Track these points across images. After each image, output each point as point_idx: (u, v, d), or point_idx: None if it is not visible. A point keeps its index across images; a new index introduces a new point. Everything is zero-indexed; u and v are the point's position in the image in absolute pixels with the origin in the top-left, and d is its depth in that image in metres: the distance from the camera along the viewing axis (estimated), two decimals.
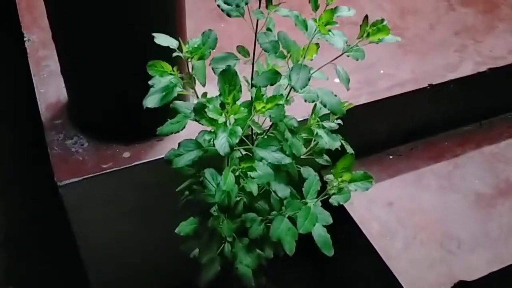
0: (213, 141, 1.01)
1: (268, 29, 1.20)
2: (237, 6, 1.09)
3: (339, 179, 1.11)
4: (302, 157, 1.29)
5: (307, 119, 1.30)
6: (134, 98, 1.12)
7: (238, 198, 1.25)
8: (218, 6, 1.14)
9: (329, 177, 1.13)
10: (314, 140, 1.32)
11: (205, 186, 1.24)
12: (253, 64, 1.26)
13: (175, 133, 1.17)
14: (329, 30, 0.98)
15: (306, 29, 1.03)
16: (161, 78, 1.04)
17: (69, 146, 1.46)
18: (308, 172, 1.32)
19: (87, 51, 1.30)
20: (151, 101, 1.04)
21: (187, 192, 1.27)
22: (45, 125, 1.51)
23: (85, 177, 1.38)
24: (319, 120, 1.29)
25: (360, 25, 1.00)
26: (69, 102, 1.51)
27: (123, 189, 1.46)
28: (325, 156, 1.36)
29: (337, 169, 1.12)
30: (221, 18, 1.88)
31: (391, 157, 1.83)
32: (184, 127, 1.16)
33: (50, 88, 1.61)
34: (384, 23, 1.00)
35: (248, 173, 1.07)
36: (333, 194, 1.14)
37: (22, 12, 1.89)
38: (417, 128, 1.85)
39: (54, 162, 1.41)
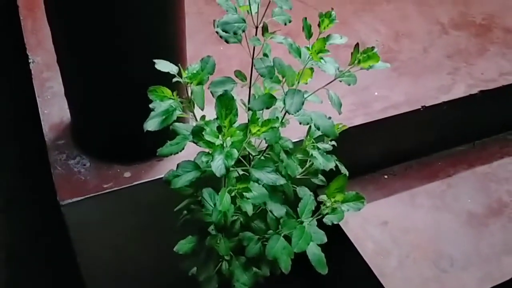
0: (210, 162, 1.05)
1: (265, 55, 1.26)
2: (235, 33, 1.14)
3: (332, 200, 1.15)
4: (298, 177, 1.34)
5: (303, 139, 1.35)
6: (136, 120, 1.17)
7: (235, 218, 1.29)
8: (217, 32, 1.19)
9: (322, 197, 1.17)
10: (310, 161, 1.37)
11: (203, 206, 1.29)
12: (250, 88, 1.31)
13: (174, 154, 1.21)
14: (321, 58, 1.03)
15: (300, 56, 1.08)
16: (161, 103, 1.09)
17: (72, 166, 1.50)
18: (303, 192, 1.36)
19: (90, 76, 1.35)
20: (151, 124, 1.08)
21: (185, 212, 1.31)
22: (49, 145, 1.55)
23: (86, 196, 1.42)
24: (314, 141, 1.34)
25: (351, 52, 1.05)
26: (72, 123, 1.56)
27: (124, 208, 1.50)
28: (320, 176, 1.40)
29: (330, 189, 1.16)
30: (220, 41, 1.89)
31: (386, 176, 1.87)
32: (183, 148, 1.21)
33: (53, 109, 1.65)
34: (374, 50, 1.05)
35: (244, 193, 1.11)
36: (327, 214, 1.17)
37: (27, 34, 1.95)
38: (411, 149, 1.89)
39: (57, 182, 1.45)
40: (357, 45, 1.05)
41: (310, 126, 1.32)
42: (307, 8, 2.10)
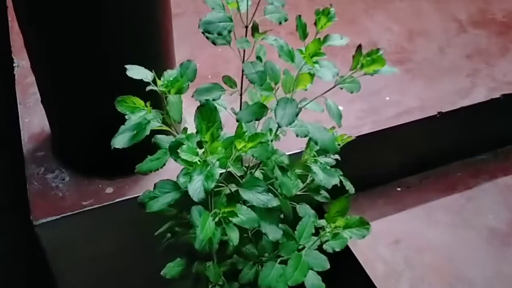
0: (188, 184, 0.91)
1: (258, 58, 1.11)
2: (219, 34, 1.00)
3: (333, 225, 1.00)
4: (298, 193, 1.20)
5: (299, 152, 1.21)
6: (115, 131, 1.03)
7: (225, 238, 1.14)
8: (203, 33, 1.05)
9: (321, 222, 1.02)
10: (310, 176, 1.22)
11: (191, 226, 1.14)
12: (241, 95, 1.16)
13: (155, 171, 1.08)
14: (316, 62, 0.88)
15: (292, 60, 0.92)
16: (132, 115, 0.95)
17: (49, 180, 1.37)
18: (304, 210, 1.22)
19: (65, 82, 1.22)
20: (119, 140, 0.95)
21: (168, 235, 1.16)
22: (26, 157, 1.43)
23: (63, 215, 1.29)
24: (315, 154, 1.19)
25: (353, 56, 0.90)
26: (52, 134, 1.43)
27: (105, 227, 1.36)
28: (323, 193, 1.26)
29: (331, 213, 1.01)
30: None
31: (399, 189, 1.72)
32: (164, 164, 1.07)
33: (35, 117, 1.53)
34: (380, 53, 0.89)
35: (230, 218, 0.97)
36: (327, 240, 1.02)
37: (13, 36, 1.83)
38: (427, 158, 1.74)
39: (31, 199, 1.32)
40: (359, 47, 0.90)
41: (310, 138, 1.17)
42: (314, 5, 1.94)
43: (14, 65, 1.73)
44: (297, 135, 1.07)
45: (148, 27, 1.17)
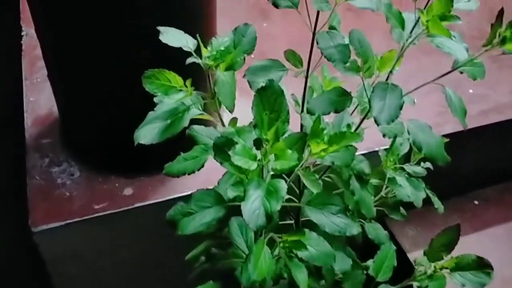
0: (241, 200, 0.62)
1: (332, 28, 0.82)
2: None
3: (437, 266, 0.71)
4: None
5: (374, 151, 0.94)
6: (142, 117, 0.75)
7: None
8: None
9: (420, 261, 0.73)
10: (386, 187, 0.95)
11: (231, 243, 0.86)
12: (306, 77, 0.87)
13: (189, 174, 0.80)
14: (447, 30, 0.58)
15: (403, 28, 0.63)
16: (166, 98, 0.66)
17: (55, 175, 1.10)
18: (376, 232, 0.95)
19: (75, 48, 0.94)
20: (146, 133, 0.67)
21: (203, 258, 0.88)
22: (29, 143, 1.17)
23: (69, 221, 1.02)
24: (397, 162, 0.90)
25: (491, 24, 0.60)
26: (60, 117, 1.16)
27: (120, 238, 1.10)
28: (402, 210, 0.98)
29: (433, 247, 0.72)
30: (264, 15, 1.52)
31: (476, 202, 1.44)
32: (203, 166, 0.79)
33: (42, 96, 1.27)
34: None
35: (295, 251, 0.68)
36: (426, 286, 0.73)
37: (23, 1, 1.56)
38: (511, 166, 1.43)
39: (31, 198, 1.06)
40: (501, 12, 0.60)
41: (395, 138, 0.88)
42: None
43: (22, 33, 1.47)
44: (384, 135, 0.79)
45: None
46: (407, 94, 0.70)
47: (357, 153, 0.99)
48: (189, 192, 1.08)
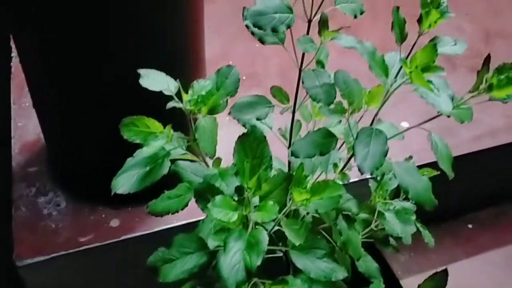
0: (221, 253, 0.61)
1: (319, 63, 0.81)
2: (274, 30, 0.69)
3: None
4: None
5: (362, 180, 0.94)
6: (129, 146, 0.74)
7: None
8: (247, 27, 0.75)
9: None
10: (375, 221, 0.93)
11: (219, 277, 0.85)
12: (293, 112, 0.86)
13: (173, 213, 0.78)
14: (429, 81, 0.57)
15: (386, 75, 0.62)
16: (145, 146, 0.65)
17: (41, 205, 1.09)
18: (366, 265, 0.93)
19: (65, 83, 0.93)
20: (124, 182, 0.65)
21: None
22: (15, 172, 1.15)
23: (54, 255, 1.00)
24: (386, 197, 0.88)
25: (478, 71, 0.59)
26: (47, 146, 1.14)
27: (107, 270, 1.07)
28: (392, 242, 0.96)
29: None
30: None
31: (470, 226, 1.41)
32: (187, 204, 0.77)
33: (30, 121, 1.25)
34: None
35: None
36: None
37: None
38: (506, 189, 1.41)
39: (16, 231, 1.04)
40: (487, 58, 0.59)
41: (382, 176, 0.86)
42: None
43: (12, 55, 1.45)
44: (371, 176, 0.78)
45: (171, 16, 0.86)
46: (393, 137, 0.69)
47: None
48: (176, 224, 1.08)
